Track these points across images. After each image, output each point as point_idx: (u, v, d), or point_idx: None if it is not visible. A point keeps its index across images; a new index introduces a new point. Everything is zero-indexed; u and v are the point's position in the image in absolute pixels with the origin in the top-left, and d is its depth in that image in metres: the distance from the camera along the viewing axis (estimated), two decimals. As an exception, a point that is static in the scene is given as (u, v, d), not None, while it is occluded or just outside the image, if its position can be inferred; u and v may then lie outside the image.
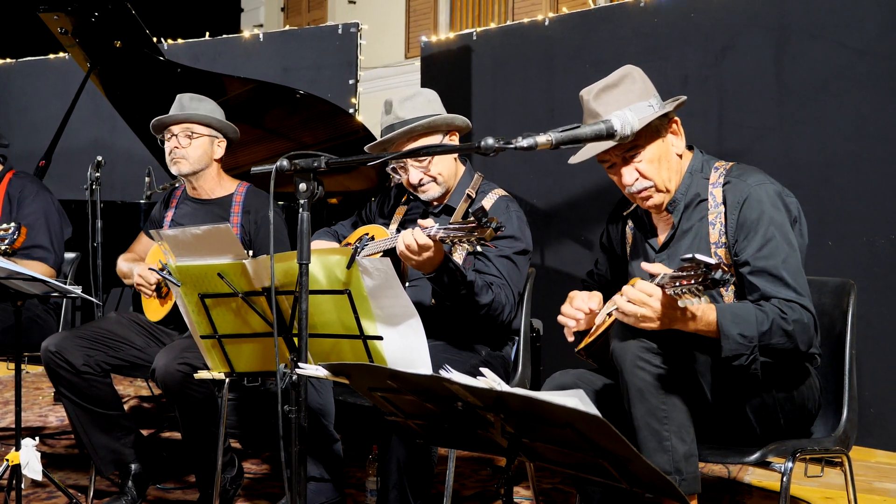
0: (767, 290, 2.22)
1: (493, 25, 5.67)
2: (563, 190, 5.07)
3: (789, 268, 2.22)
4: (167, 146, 3.41)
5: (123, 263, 3.47)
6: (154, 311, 3.36)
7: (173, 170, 3.41)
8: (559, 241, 5.11)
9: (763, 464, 2.25)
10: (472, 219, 2.30)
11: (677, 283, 1.88)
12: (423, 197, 2.97)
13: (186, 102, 3.40)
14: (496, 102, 5.38)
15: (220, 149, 3.45)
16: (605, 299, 2.51)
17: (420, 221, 2.56)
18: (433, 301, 2.85)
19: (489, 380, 1.59)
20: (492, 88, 5.40)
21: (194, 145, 3.38)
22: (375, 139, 4.62)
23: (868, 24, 4.00)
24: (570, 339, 2.48)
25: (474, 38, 5.51)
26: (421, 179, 2.91)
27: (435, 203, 3.01)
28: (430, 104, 2.94)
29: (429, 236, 2.50)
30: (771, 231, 2.25)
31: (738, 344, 2.11)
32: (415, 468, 2.62)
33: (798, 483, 3.38)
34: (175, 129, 3.38)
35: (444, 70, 5.56)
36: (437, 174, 2.92)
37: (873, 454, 3.94)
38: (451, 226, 2.39)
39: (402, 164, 2.93)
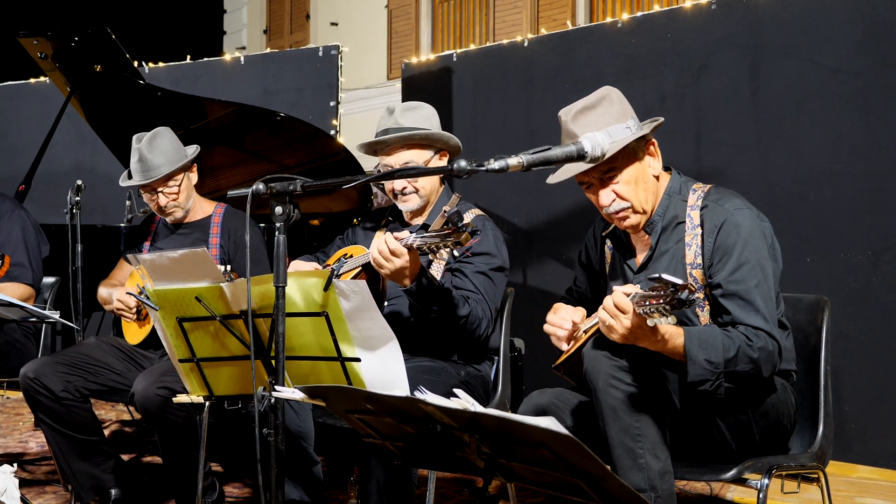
0: (737, 315, 2.24)
1: (473, 47, 5.72)
2: (544, 209, 5.09)
3: (761, 293, 2.25)
4: (149, 200, 3.39)
5: (104, 289, 3.47)
6: (133, 333, 3.35)
7: (169, 220, 3.43)
8: (541, 260, 5.13)
9: (739, 480, 2.26)
10: (447, 223, 2.34)
11: (646, 303, 1.90)
12: (402, 206, 3.01)
13: (148, 154, 3.28)
14: (476, 123, 5.41)
15: (194, 175, 3.46)
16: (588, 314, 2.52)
17: (395, 234, 2.59)
18: (412, 319, 2.86)
19: (463, 400, 1.60)
20: (472, 109, 5.44)
21: (180, 187, 3.37)
22: (357, 161, 4.72)
23: (841, 42, 4.06)
24: (563, 347, 2.49)
25: (454, 59, 5.55)
26: (405, 188, 2.97)
27: (413, 221, 3.04)
28: (429, 119, 3.00)
29: (405, 245, 2.53)
30: (745, 255, 2.27)
31: (704, 369, 2.14)
32: (395, 490, 2.62)
33: (779, 499, 3.39)
34: (155, 185, 3.33)
35: (425, 91, 5.59)
36: (421, 187, 2.98)
37: (854, 469, 3.96)
38: (427, 234, 2.42)
39: (388, 169, 2.96)
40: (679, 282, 1.84)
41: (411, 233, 3.00)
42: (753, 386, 2.27)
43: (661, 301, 1.87)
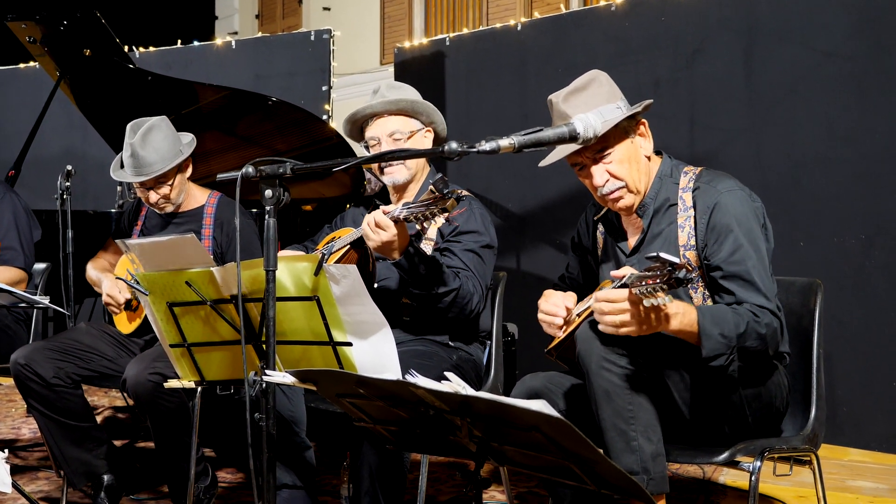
0: (740, 295, 2.24)
1: (466, 31, 5.69)
2: (537, 194, 5.08)
3: (759, 273, 2.25)
4: (141, 193, 3.32)
5: (93, 271, 3.42)
6: (125, 324, 3.33)
7: (161, 212, 3.35)
8: (534, 245, 5.12)
9: (732, 463, 2.27)
10: (433, 190, 2.36)
11: (643, 283, 1.90)
12: (388, 179, 3.00)
13: (141, 151, 3.18)
14: (469, 107, 5.39)
15: (189, 168, 3.35)
16: (579, 300, 2.52)
17: (382, 207, 2.60)
18: (404, 300, 2.86)
19: (454, 384, 1.59)
20: (465, 93, 5.41)
21: (172, 185, 3.28)
22: (349, 146, 4.70)
23: (834, 26, 4.05)
24: (560, 334, 2.48)
25: (447, 43, 5.52)
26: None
27: (399, 202, 3.04)
28: (413, 97, 3.03)
29: (392, 218, 2.54)
30: (741, 236, 2.27)
31: (719, 343, 2.13)
32: (387, 474, 2.62)
33: (771, 482, 3.40)
34: (147, 182, 3.25)
35: (418, 76, 5.56)
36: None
37: (847, 452, 3.98)
38: (413, 204, 2.43)
39: (376, 142, 2.98)
40: (676, 261, 1.85)
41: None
42: (752, 367, 2.26)
43: (658, 281, 1.87)
